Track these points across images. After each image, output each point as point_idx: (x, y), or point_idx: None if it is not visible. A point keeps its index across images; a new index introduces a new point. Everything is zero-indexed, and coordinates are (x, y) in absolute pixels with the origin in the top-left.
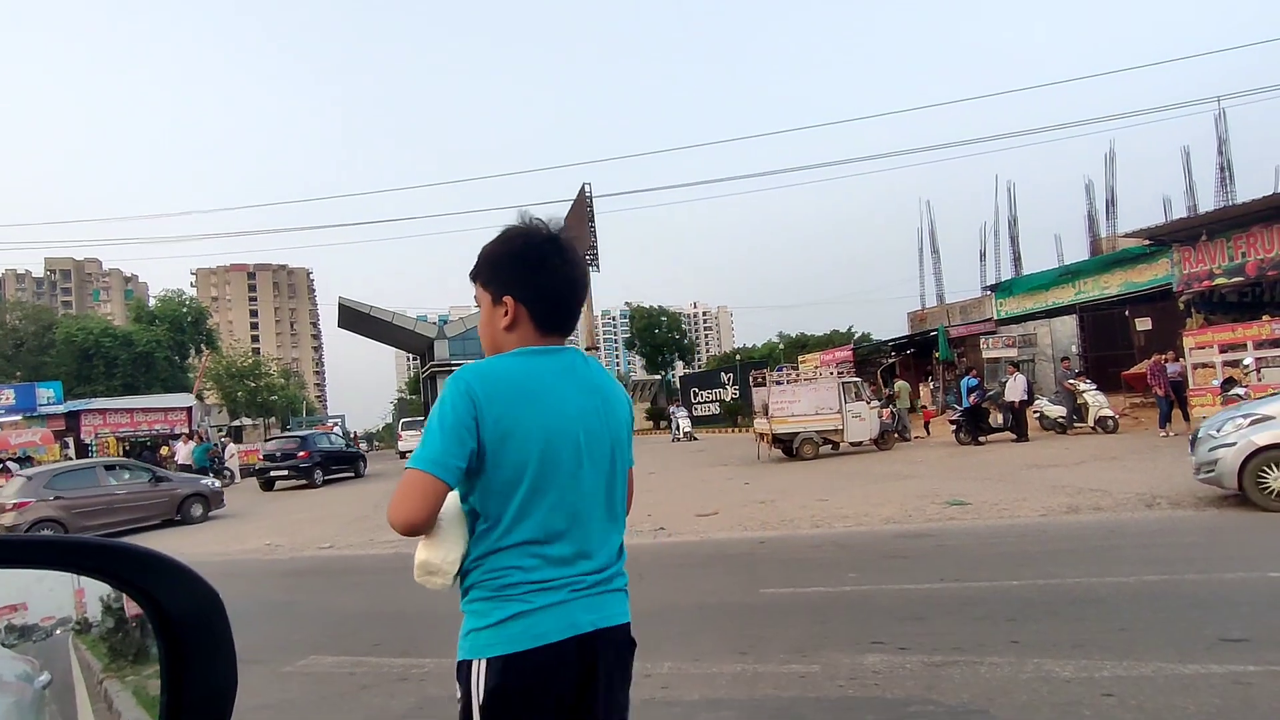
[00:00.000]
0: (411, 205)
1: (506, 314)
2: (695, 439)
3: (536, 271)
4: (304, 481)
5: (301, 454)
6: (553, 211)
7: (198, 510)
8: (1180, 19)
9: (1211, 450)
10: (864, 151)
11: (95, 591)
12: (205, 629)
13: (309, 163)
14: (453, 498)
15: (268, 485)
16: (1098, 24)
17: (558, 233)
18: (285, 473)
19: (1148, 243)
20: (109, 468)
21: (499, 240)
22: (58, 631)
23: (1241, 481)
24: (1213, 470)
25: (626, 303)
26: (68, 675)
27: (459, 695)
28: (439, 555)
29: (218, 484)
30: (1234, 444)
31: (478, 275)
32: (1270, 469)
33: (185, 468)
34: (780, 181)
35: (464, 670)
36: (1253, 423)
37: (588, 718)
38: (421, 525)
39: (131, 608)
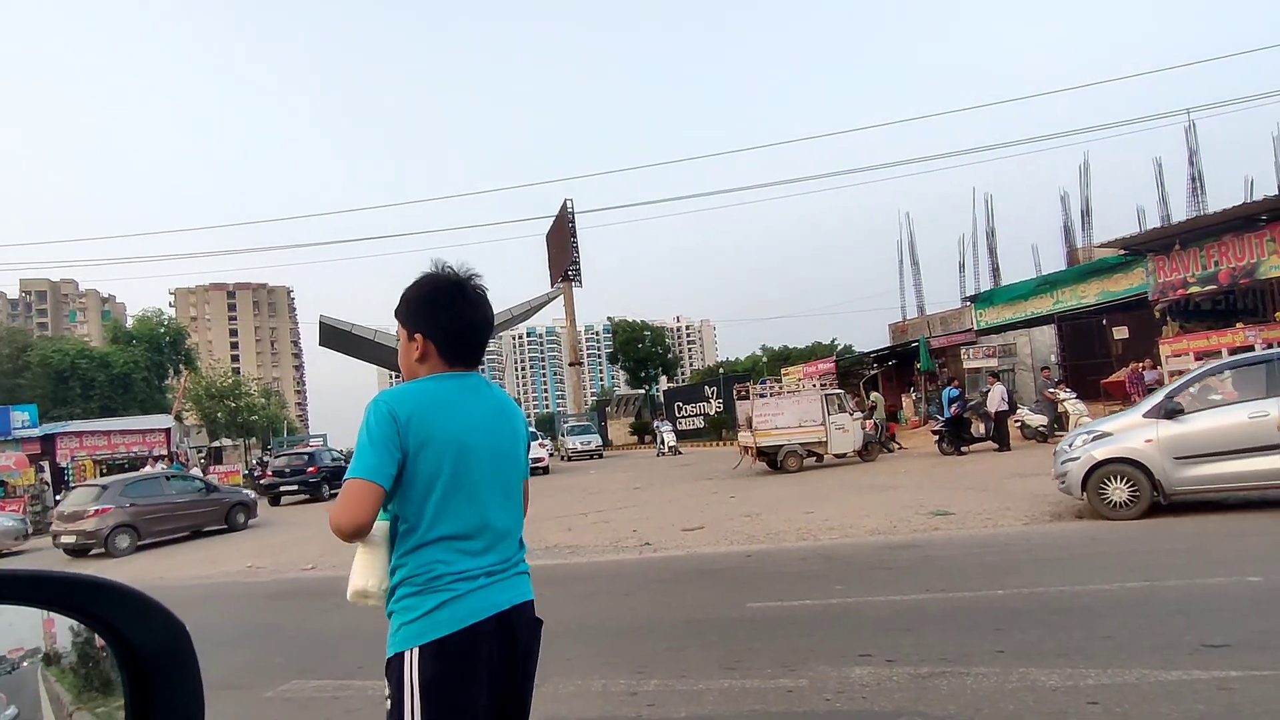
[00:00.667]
0: (393, 222)
1: (418, 348)
2: (680, 453)
3: (442, 312)
4: (308, 496)
5: (310, 469)
6: (538, 226)
7: (241, 518)
8: (1150, 34)
9: (1063, 463)
10: (843, 165)
11: (64, 622)
12: (171, 662)
13: (289, 180)
14: (379, 527)
15: (275, 500)
16: (1071, 38)
17: (465, 278)
18: (295, 488)
19: (1123, 252)
20: (169, 478)
21: (413, 284)
22: (25, 663)
23: (1085, 491)
24: (1064, 481)
25: (609, 317)
26: (35, 708)
27: (388, 693)
28: (372, 582)
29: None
30: (1078, 458)
31: (397, 314)
32: (1110, 480)
33: None
34: (761, 195)
35: (395, 665)
36: (1095, 439)
37: (513, 687)
38: (364, 527)
39: (100, 639)
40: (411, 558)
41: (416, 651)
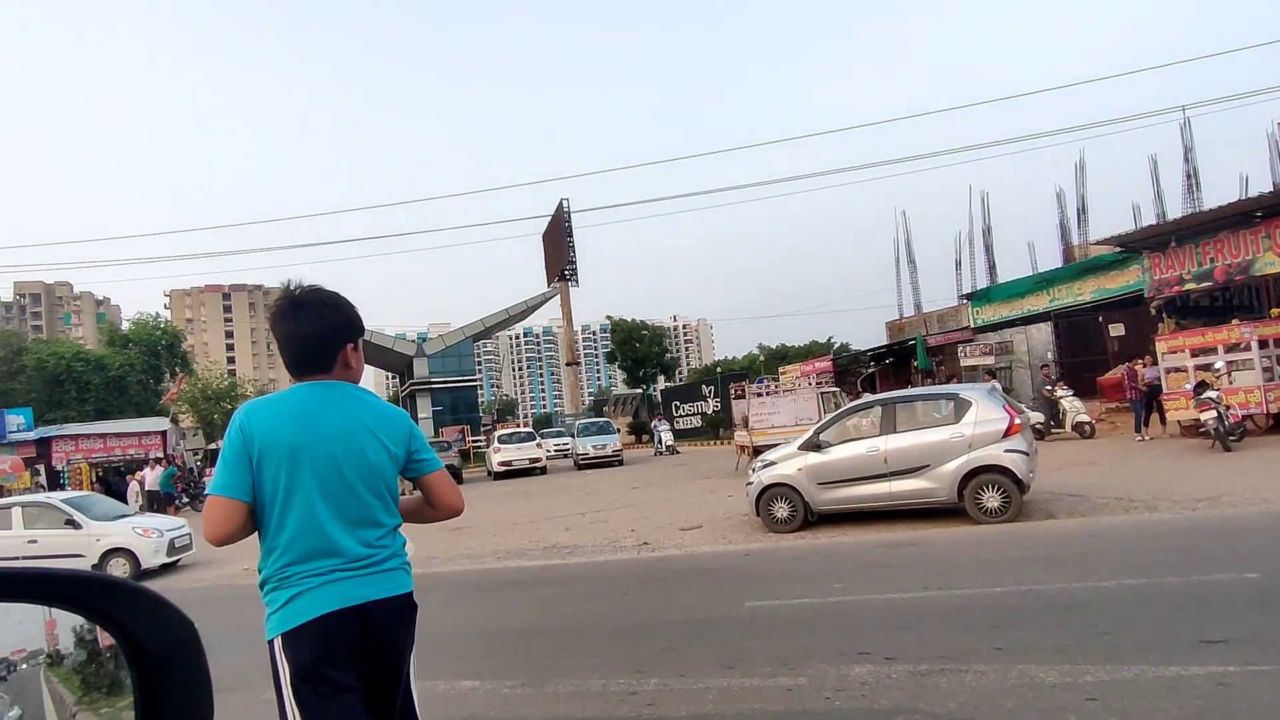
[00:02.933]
0: (388, 223)
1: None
2: (677, 452)
3: (277, 328)
4: None
5: None
6: (534, 226)
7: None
8: (1145, 31)
9: (748, 484)
10: (839, 163)
11: (68, 623)
12: (180, 659)
13: (284, 181)
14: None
15: None
16: (1066, 37)
17: (296, 295)
18: None
19: (1119, 249)
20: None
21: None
22: (28, 665)
23: (759, 511)
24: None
25: (608, 316)
26: (39, 709)
27: (272, 672)
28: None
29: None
30: (753, 482)
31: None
32: (775, 501)
33: (153, 494)
34: (757, 194)
35: (271, 649)
36: (765, 467)
37: (382, 671)
38: (227, 538)
39: (105, 638)
40: (269, 557)
41: (279, 639)
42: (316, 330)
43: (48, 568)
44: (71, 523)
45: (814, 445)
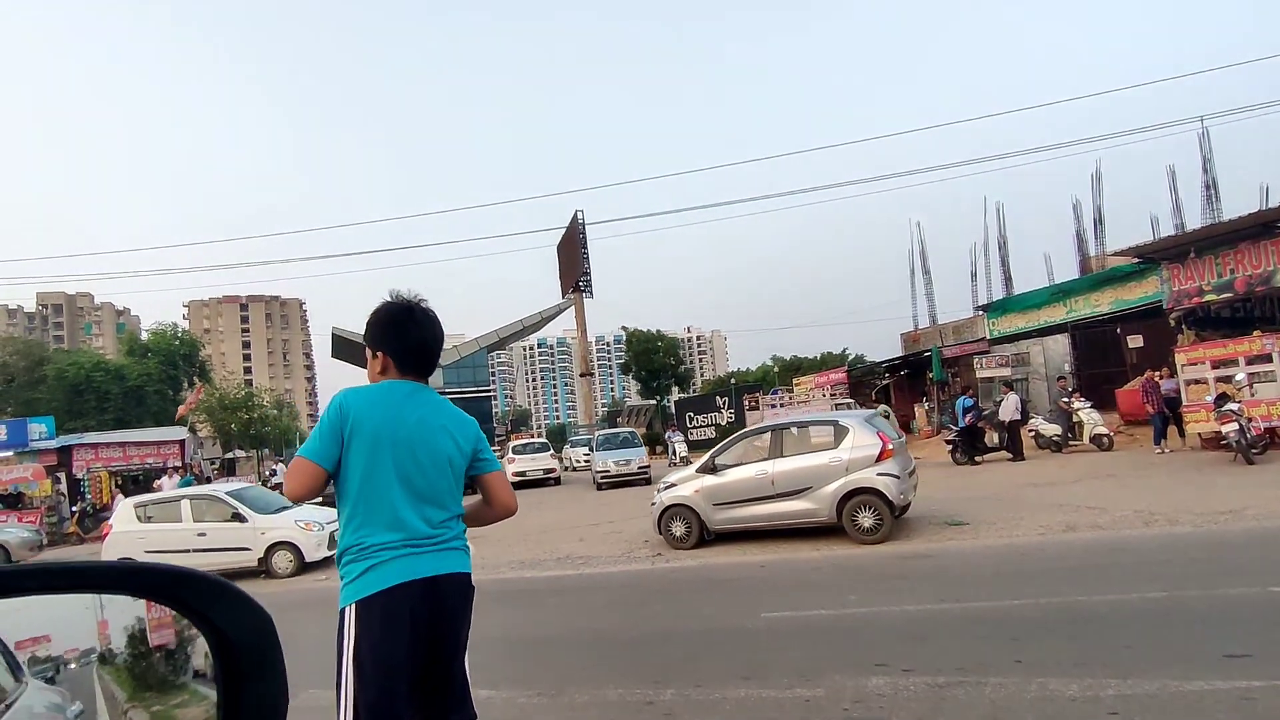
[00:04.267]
0: (405, 234)
1: (379, 363)
2: (691, 463)
3: (395, 332)
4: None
5: None
6: (549, 238)
7: None
8: (1162, 41)
9: (651, 504)
10: (853, 175)
11: (119, 622)
12: (261, 652)
13: (304, 193)
14: None
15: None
16: (1081, 47)
17: (414, 303)
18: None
19: (1137, 260)
20: None
21: (375, 311)
22: (80, 662)
23: (660, 529)
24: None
25: (624, 326)
26: (92, 705)
27: (337, 636)
28: None
29: None
30: (655, 502)
31: (364, 335)
32: (674, 520)
33: None
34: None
35: (341, 617)
36: (666, 488)
37: (439, 639)
38: (305, 495)
39: (155, 638)
40: (348, 529)
41: (353, 608)
42: (432, 335)
43: (140, 563)
44: (238, 516)
45: (710, 468)
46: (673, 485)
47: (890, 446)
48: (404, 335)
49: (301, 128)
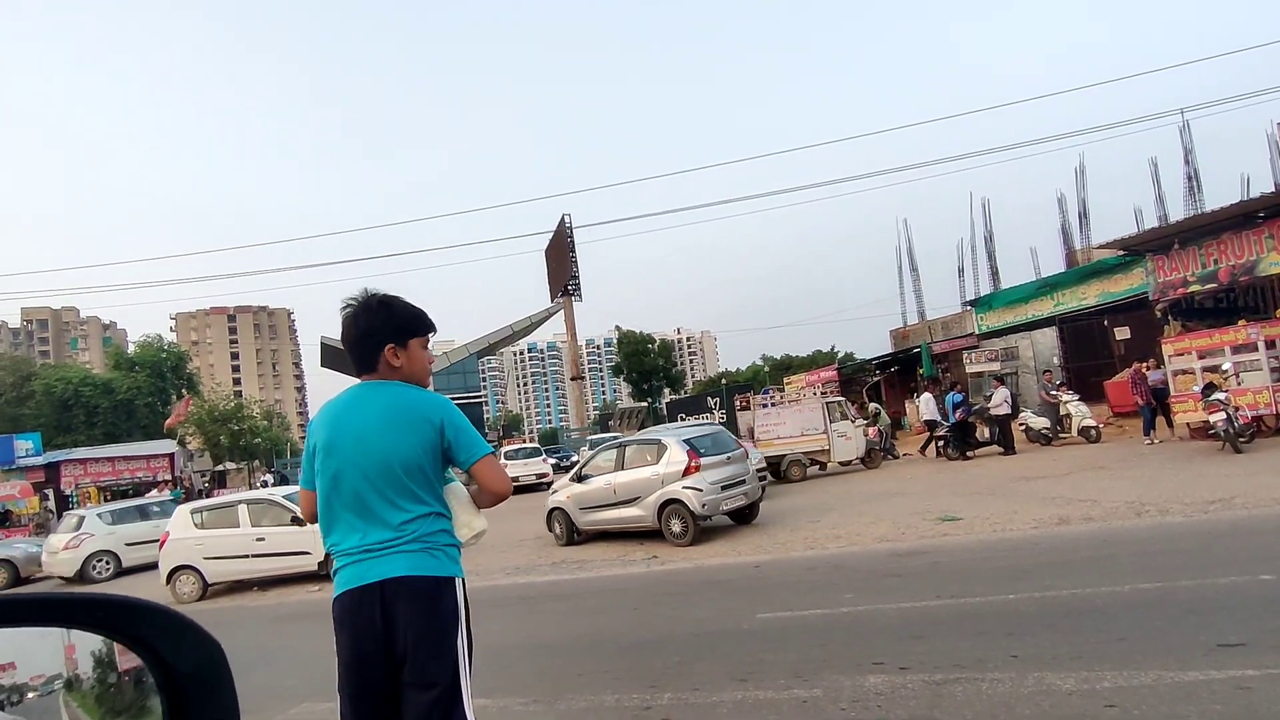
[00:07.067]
0: (391, 242)
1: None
2: None
3: (342, 339)
4: None
5: None
6: (537, 242)
7: None
8: (1143, 34)
9: (546, 505)
10: (839, 173)
11: (86, 647)
12: (207, 680)
13: (288, 202)
14: (456, 488)
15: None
16: (1063, 41)
17: (354, 299)
18: None
19: (1122, 253)
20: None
21: None
22: (45, 690)
23: (549, 527)
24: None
25: (616, 327)
26: None
27: None
28: (479, 522)
29: None
30: (548, 504)
31: None
32: (554, 521)
33: None
34: (758, 205)
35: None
36: (553, 492)
37: (392, 641)
38: (312, 520)
39: (123, 662)
40: (326, 540)
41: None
42: (355, 333)
43: (75, 593)
44: (296, 520)
45: (579, 478)
46: (556, 491)
47: (693, 464)
48: (344, 340)
49: (287, 135)
